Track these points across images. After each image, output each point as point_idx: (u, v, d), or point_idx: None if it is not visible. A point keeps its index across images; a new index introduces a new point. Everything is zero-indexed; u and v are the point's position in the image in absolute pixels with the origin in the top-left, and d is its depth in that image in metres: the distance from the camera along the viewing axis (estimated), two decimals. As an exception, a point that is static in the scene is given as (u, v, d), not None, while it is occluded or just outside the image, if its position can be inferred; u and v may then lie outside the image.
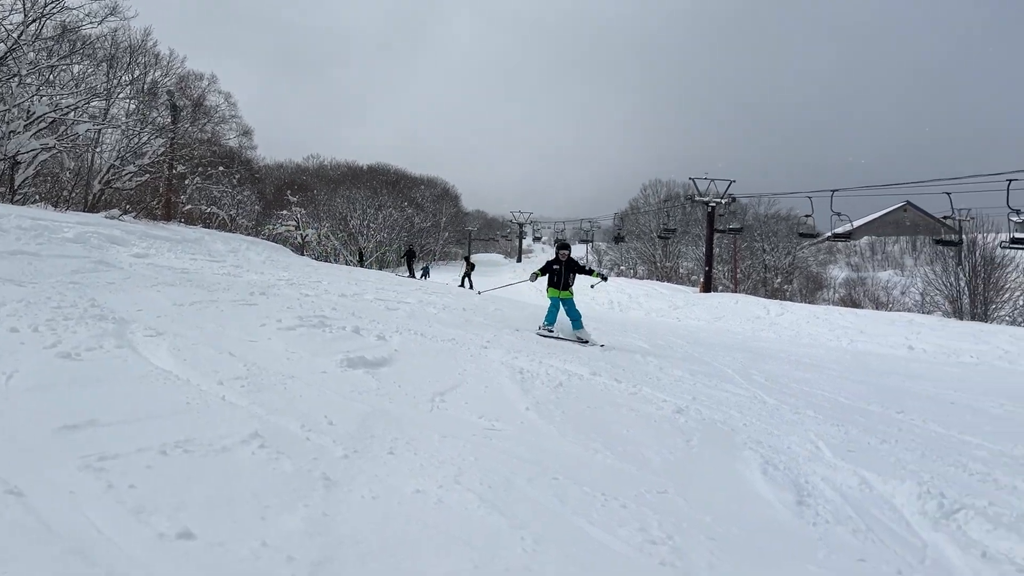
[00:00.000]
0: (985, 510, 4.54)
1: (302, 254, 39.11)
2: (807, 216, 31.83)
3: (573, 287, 12.00)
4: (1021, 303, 39.30)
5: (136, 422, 4.05)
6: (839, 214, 29.37)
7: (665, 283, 43.33)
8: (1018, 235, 24.67)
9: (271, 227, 51.42)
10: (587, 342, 11.17)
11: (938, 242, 33.00)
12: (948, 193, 26.10)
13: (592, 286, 12.38)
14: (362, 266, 43.53)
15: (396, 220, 62.58)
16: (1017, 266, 39.79)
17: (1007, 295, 39.23)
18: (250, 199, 46.09)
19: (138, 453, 3.55)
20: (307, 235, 54.65)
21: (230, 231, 30.91)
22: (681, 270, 56.00)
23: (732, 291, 40.63)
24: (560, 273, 11.80)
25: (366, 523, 3.15)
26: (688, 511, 3.93)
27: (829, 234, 32.15)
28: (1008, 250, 30.17)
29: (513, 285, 17.24)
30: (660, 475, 4.56)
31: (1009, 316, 37.85)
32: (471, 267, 34.88)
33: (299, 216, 54.70)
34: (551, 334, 11.40)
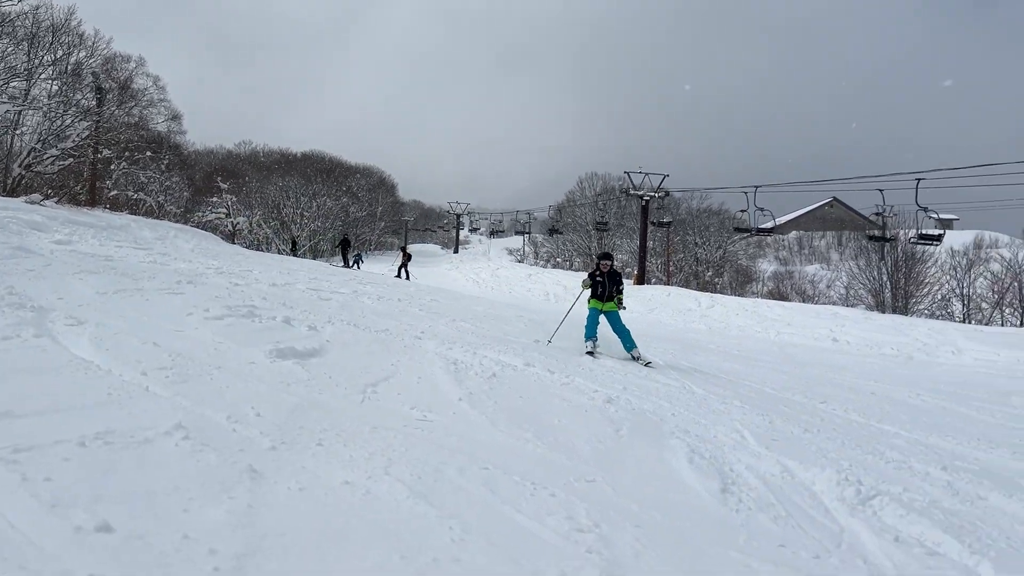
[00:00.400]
0: (900, 496, 4.73)
1: (233, 242, 38.33)
2: (742, 211, 32.50)
3: (618, 299, 11.06)
4: (940, 297, 40.89)
5: (54, 413, 3.92)
6: (762, 209, 30.33)
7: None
8: (926, 231, 25.80)
9: (201, 214, 50.20)
10: (638, 359, 10.21)
11: (871, 238, 33.92)
12: (881, 190, 26.82)
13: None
14: (295, 255, 42.84)
15: (331, 209, 61.74)
16: (936, 261, 41.38)
17: (926, 289, 40.77)
18: (179, 185, 44.87)
19: (55, 445, 3.44)
20: (238, 223, 53.54)
21: (158, 218, 30.09)
22: (616, 262, 56.55)
23: (665, 283, 41.29)
24: (604, 284, 11.02)
25: (292, 515, 3.11)
26: (615, 499, 3.99)
27: (754, 228, 33.01)
28: (916, 245, 31.43)
29: (575, 302, 14.66)
30: (589, 464, 4.62)
31: (928, 310, 39.33)
32: (408, 257, 34.62)
33: (230, 203, 53.53)
34: (593, 351, 10.25)
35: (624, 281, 11.31)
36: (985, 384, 12.08)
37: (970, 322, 36.42)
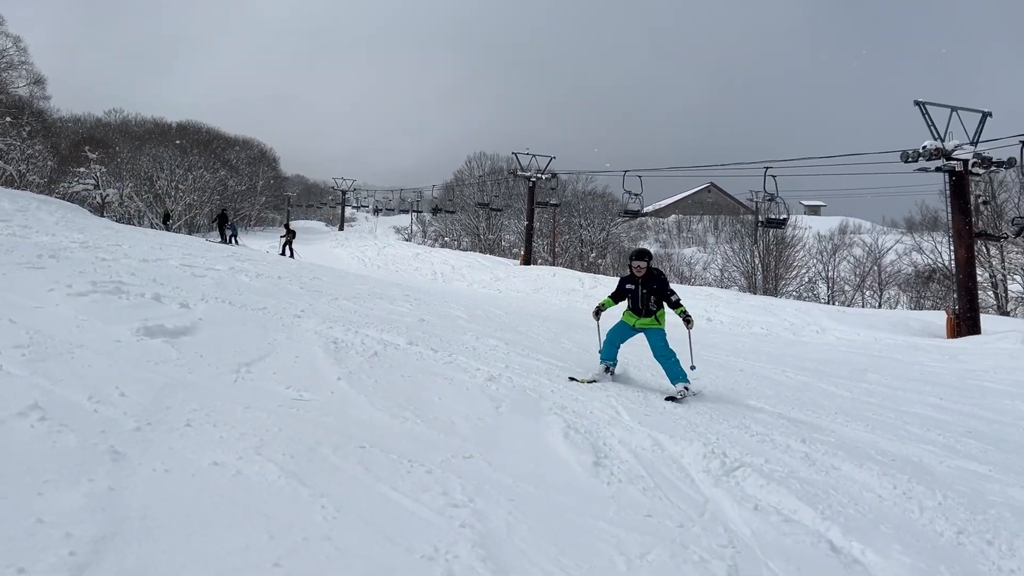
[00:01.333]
0: (761, 467, 5.00)
1: (102, 215, 36.41)
2: (636, 195, 33.31)
3: (661, 314, 7.93)
4: (807, 280, 43.18)
5: None
6: (630, 192, 31.80)
7: (488, 255, 44.07)
8: (772, 216, 27.68)
9: (67, 185, 47.47)
10: (679, 398, 7.18)
11: (769, 223, 35.12)
12: (774, 176, 27.66)
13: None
14: (168, 229, 40.96)
15: (208, 182, 59.45)
16: (804, 245, 43.65)
17: (795, 272, 42.99)
18: (42, 154, 42.23)
19: None
20: (108, 195, 50.91)
21: (18, 188, 28.23)
22: (503, 243, 57.03)
23: (551, 264, 41.89)
24: (636, 293, 7.91)
25: (156, 497, 3.01)
26: (491, 474, 4.04)
27: (622, 210, 34.27)
28: (767, 228, 33.30)
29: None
30: (468, 441, 4.66)
31: (796, 291, 41.51)
32: (292, 235, 33.74)
33: (99, 174, 50.78)
34: (599, 378, 7.69)
35: (674, 288, 8.10)
36: (845, 362, 12.85)
37: (834, 303, 38.66)
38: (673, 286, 7.72)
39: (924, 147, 19.85)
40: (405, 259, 38.01)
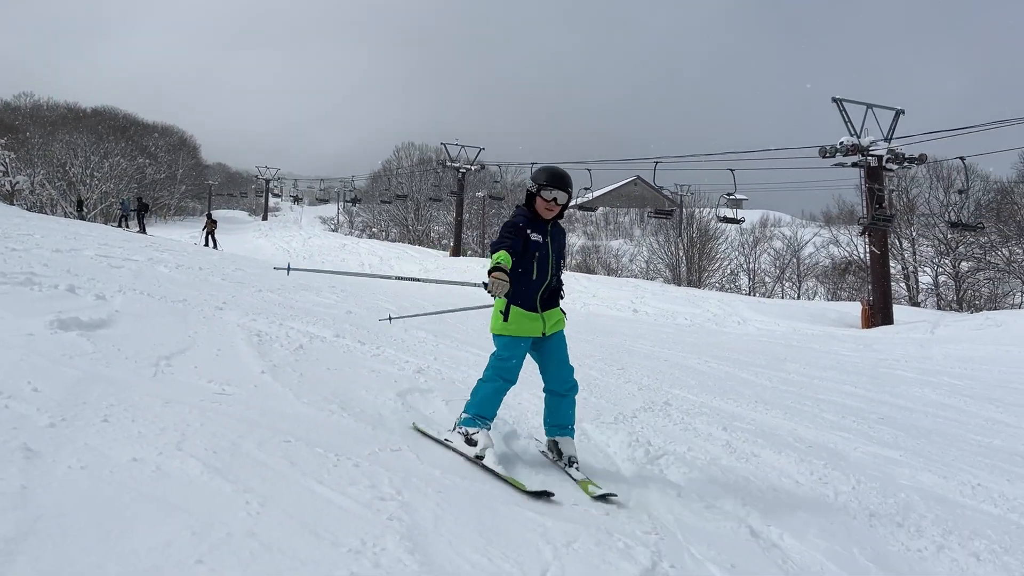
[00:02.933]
0: (684, 455, 5.13)
1: (11, 203, 34.86)
2: (585, 188, 33.59)
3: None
4: (729, 272, 44.26)
5: None
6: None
7: (417, 246, 43.88)
8: (660, 209, 28.96)
9: (-28, 172, 45.32)
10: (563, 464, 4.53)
11: (657, 213, 35.76)
12: (732, 170, 27.68)
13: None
14: (82, 218, 39.37)
15: (125, 170, 57.49)
16: (727, 238, 44.72)
17: (717, 264, 44.04)
18: (-55, 139, 40.18)
19: None
20: (18, 182, 48.78)
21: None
22: (433, 234, 56.79)
23: (480, 256, 41.91)
24: (547, 253, 4.81)
25: (72, 495, 2.91)
26: (419, 467, 4.04)
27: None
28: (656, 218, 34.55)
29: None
30: (395, 434, 4.64)
31: (718, 283, 42.51)
32: (214, 224, 32.93)
33: (7, 161, 48.62)
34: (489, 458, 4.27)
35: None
36: (765, 351, 13.23)
37: (755, 295, 39.74)
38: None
39: (841, 143, 20.57)
40: (331, 250, 37.52)
